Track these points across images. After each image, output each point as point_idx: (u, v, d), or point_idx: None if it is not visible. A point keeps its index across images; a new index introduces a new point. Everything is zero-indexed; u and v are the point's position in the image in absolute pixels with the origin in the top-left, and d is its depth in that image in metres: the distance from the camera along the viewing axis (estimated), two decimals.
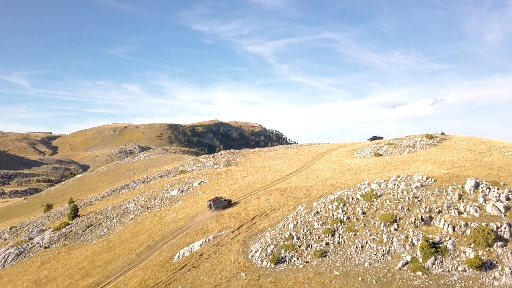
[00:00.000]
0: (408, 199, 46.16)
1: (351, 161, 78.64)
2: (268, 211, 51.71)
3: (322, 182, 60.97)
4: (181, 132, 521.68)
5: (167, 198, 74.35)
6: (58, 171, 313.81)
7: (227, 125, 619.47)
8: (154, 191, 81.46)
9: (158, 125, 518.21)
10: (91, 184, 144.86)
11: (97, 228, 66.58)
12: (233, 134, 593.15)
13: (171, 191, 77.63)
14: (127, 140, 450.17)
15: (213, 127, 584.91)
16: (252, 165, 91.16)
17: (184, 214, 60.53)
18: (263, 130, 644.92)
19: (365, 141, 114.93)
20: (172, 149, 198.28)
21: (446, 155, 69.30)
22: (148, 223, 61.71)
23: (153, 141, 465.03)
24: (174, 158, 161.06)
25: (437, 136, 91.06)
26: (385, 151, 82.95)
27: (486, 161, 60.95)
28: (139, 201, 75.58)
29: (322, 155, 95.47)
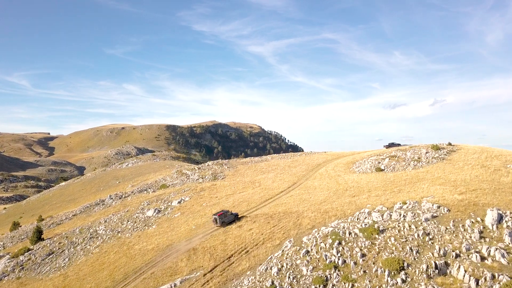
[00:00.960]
0: (418, 237, 37.82)
1: (349, 177, 70.31)
2: (249, 247, 43.35)
3: (315, 207, 52.62)
4: (179, 133, 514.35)
5: (141, 220, 66.00)
6: (53, 172, 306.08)
7: (225, 126, 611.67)
8: (129, 210, 73.12)
9: (155, 126, 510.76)
10: (74, 194, 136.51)
11: (58, 257, 58.21)
12: (232, 135, 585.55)
13: (147, 211, 69.29)
14: (124, 141, 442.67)
15: (212, 128, 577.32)
16: (241, 179, 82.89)
17: (155, 244, 52.14)
18: (262, 131, 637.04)
19: (365, 151, 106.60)
20: (162, 155, 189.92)
21: (456, 172, 60.97)
22: (114, 253, 53.34)
23: (150, 142, 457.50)
24: (163, 166, 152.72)
25: (444, 147, 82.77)
26: (387, 165, 74.60)
27: (504, 183, 52.64)
28: (111, 223, 67.20)
29: (318, 167, 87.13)
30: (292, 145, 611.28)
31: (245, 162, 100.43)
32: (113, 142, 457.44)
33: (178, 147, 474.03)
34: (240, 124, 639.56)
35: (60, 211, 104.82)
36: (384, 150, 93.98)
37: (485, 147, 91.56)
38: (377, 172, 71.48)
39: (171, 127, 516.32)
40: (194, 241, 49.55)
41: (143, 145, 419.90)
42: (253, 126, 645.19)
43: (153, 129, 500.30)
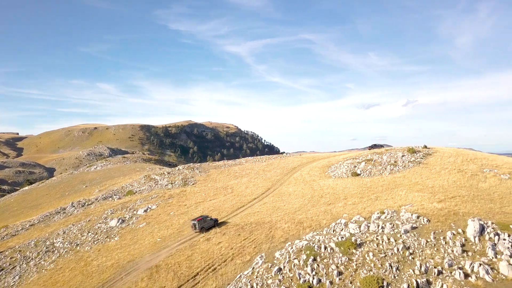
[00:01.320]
0: (397, 251, 35.18)
1: (324, 182, 67.68)
2: (217, 263, 39.66)
3: (289, 217, 49.50)
4: (153, 134, 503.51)
5: (104, 231, 61.10)
6: (21, 174, 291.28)
7: (201, 126, 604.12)
8: (91, 219, 67.88)
9: (129, 126, 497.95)
10: (37, 199, 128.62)
11: (8, 275, 52.63)
12: (208, 135, 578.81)
13: (110, 220, 64.36)
14: (97, 142, 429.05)
15: (187, 128, 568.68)
16: (212, 185, 78.96)
17: (115, 260, 47.65)
18: (239, 131, 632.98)
19: (341, 153, 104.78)
20: (133, 157, 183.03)
21: (434, 178, 59.26)
22: (70, 270, 48.44)
23: (124, 142, 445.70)
24: (134, 169, 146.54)
25: (419, 151, 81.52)
26: (363, 170, 72.46)
27: (482, 188, 51.12)
28: (70, 235, 61.94)
29: (293, 171, 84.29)
30: (268, 145, 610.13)
31: (218, 166, 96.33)
32: (85, 142, 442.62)
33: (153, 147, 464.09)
34: (216, 124, 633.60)
35: (21, 218, 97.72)
36: (360, 153, 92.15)
37: (460, 149, 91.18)
38: (353, 177, 69.17)
39: (145, 127, 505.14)
40: (158, 256, 45.43)
41: (116, 145, 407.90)
42: (230, 126, 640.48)
43: (127, 129, 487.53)
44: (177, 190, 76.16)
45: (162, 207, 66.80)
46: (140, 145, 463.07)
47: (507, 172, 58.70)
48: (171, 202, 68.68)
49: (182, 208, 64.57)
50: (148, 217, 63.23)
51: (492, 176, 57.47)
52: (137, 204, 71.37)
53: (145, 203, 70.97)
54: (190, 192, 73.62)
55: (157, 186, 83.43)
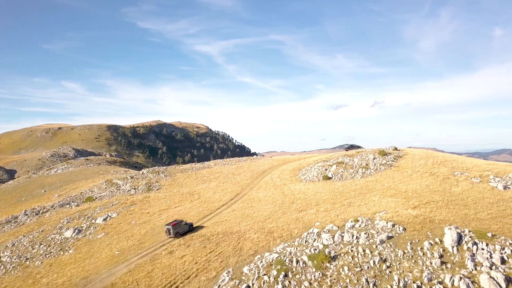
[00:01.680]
0: (374, 265, 32.87)
1: (295, 186, 65.22)
2: (179, 281, 36.03)
3: (258, 225, 46.48)
4: (120, 134, 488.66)
5: (58, 242, 55.89)
6: None
7: (170, 126, 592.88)
8: (45, 229, 62.28)
9: (96, 126, 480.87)
10: None
11: None
12: (177, 136, 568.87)
13: (65, 230, 59.11)
14: (61, 143, 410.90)
15: (156, 128, 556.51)
16: (178, 190, 74.78)
17: (67, 277, 42.99)
18: (209, 131, 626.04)
19: (311, 155, 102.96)
20: (97, 159, 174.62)
21: (406, 181, 57.97)
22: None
23: (90, 143, 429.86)
24: (97, 172, 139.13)
25: (390, 153, 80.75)
26: (335, 173, 70.57)
27: (455, 193, 50.08)
28: (19, 247, 56.27)
29: (263, 174, 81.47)
30: (239, 146, 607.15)
31: (185, 170, 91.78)
32: (49, 143, 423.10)
33: (120, 148, 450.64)
34: (186, 124, 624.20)
35: None
36: (330, 155, 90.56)
37: (429, 151, 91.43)
38: (325, 181, 67.10)
39: (112, 127, 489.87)
40: (115, 273, 41.23)
41: (82, 146, 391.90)
42: (200, 126, 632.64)
43: (93, 129, 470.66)
44: (140, 196, 71.45)
45: (123, 215, 62.14)
46: (107, 146, 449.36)
47: (477, 175, 58.22)
48: (133, 210, 64.10)
49: (144, 216, 60.21)
50: (108, 227, 58.48)
51: (463, 179, 56.79)
52: (96, 212, 66.26)
53: (105, 210, 65.99)
54: (154, 199, 69.20)
55: (119, 192, 78.20)
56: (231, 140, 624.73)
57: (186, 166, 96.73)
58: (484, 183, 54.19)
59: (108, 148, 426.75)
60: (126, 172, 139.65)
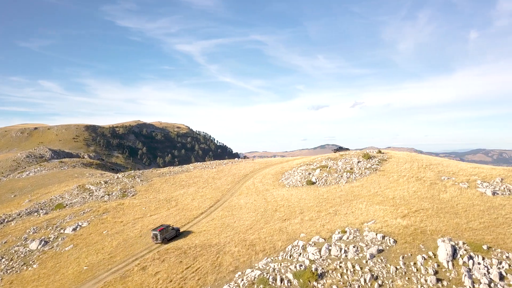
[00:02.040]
0: (365, 283, 30.24)
1: (278, 192, 62.34)
2: None
3: (239, 237, 43.33)
4: (99, 134, 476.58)
5: (21, 255, 51.33)
6: None
7: (151, 126, 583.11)
8: (8, 240, 57.45)
9: (73, 126, 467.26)
10: None
11: None
12: (158, 136, 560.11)
13: (30, 242, 54.49)
14: (37, 143, 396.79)
15: (136, 128, 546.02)
16: (154, 196, 70.80)
17: None
18: (190, 131, 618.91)
19: (294, 158, 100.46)
20: (72, 161, 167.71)
21: (393, 187, 55.87)
22: None
23: (67, 143, 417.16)
24: (72, 175, 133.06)
25: (374, 156, 78.91)
26: (319, 178, 68.04)
27: (445, 200, 48.16)
28: None
29: (245, 179, 78.29)
30: (221, 146, 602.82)
31: (163, 174, 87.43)
32: (24, 143, 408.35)
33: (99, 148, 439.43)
34: (166, 124, 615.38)
35: None
36: (314, 158, 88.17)
37: (413, 154, 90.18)
38: (309, 186, 64.50)
39: (91, 127, 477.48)
40: None
41: (59, 146, 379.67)
42: (181, 126, 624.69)
43: (70, 129, 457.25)
44: (113, 203, 67.12)
45: (95, 225, 57.88)
46: (86, 146, 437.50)
47: (465, 180, 56.68)
48: (105, 218, 59.86)
49: (117, 225, 56.15)
50: (77, 238, 54.19)
51: (451, 185, 55.09)
52: (65, 221, 61.69)
53: (75, 219, 61.53)
54: (128, 206, 65.06)
55: (92, 198, 73.51)
56: (213, 140, 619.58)
57: (164, 170, 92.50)
58: (472, 188, 52.59)
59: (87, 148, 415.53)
60: (102, 175, 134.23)
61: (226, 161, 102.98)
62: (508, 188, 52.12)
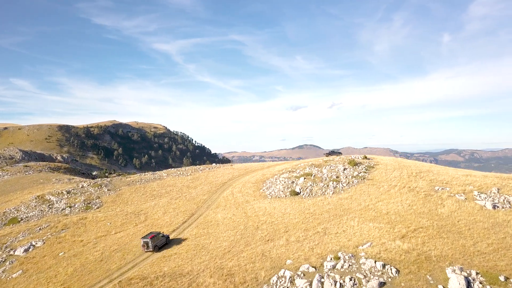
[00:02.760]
0: None
1: (260, 204, 56.61)
2: None
3: (216, 263, 37.30)
4: (73, 134, 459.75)
5: None
6: None
7: (127, 126, 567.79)
8: None
9: (46, 126, 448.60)
10: None
11: None
12: (134, 136, 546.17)
13: None
14: (7, 144, 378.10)
15: (111, 128, 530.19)
16: (122, 208, 63.78)
17: None
18: (168, 131, 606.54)
19: (275, 163, 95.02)
20: (38, 166, 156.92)
21: (385, 200, 51.03)
22: None
23: (39, 144, 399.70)
24: (36, 180, 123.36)
25: (360, 162, 74.33)
26: (303, 187, 62.67)
27: (444, 215, 43.59)
28: None
29: (223, 187, 72.21)
30: (199, 147, 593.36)
31: (133, 182, 79.80)
32: None
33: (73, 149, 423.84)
34: (143, 124, 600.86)
35: None
36: (296, 165, 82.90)
37: (400, 160, 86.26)
38: (293, 197, 59.04)
39: (64, 127, 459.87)
40: None
41: (30, 147, 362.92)
42: (158, 126, 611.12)
43: (43, 129, 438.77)
44: (75, 218, 59.73)
45: (51, 245, 50.60)
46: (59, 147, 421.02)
47: (460, 191, 52.51)
48: (63, 237, 52.60)
49: (76, 246, 49.06)
50: (28, 261, 46.87)
51: (447, 196, 50.70)
52: (17, 240, 54.07)
53: (29, 237, 54.00)
54: (91, 221, 57.88)
55: (51, 211, 65.74)
56: (191, 141, 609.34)
57: (135, 177, 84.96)
58: (471, 201, 48.32)
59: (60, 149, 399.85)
60: (70, 180, 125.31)
61: (202, 167, 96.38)
62: (508, 200, 48.15)
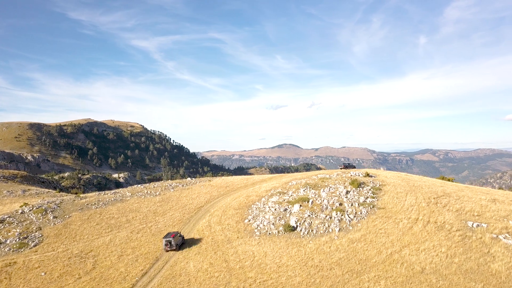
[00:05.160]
0: None
1: (246, 247, 43.34)
2: None
3: None
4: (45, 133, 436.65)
5: None
6: None
7: (102, 124, 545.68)
8: None
9: (15, 125, 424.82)
10: None
11: None
12: (109, 135, 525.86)
13: None
14: None
15: (85, 127, 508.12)
16: (66, 247, 48.68)
17: None
18: (144, 130, 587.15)
19: (262, 178, 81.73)
20: None
21: (412, 244, 38.67)
22: None
23: (9, 143, 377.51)
24: None
25: (364, 182, 62.20)
26: (300, 220, 49.57)
27: (501, 276, 31.53)
28: None
29: (198, 214, 58.54)
30: (177, 146, 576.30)
31: (87, 205, 63.47)
32: None
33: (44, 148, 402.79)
34: (119, 123, 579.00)
35: None
36: (286, 183, 69.82)
37: (404, 176, 74.75)
38: (288, 234, 45.98)
39: (35, 125, 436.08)
40: None
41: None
42: (134, 125, 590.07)
43: (12, 127, 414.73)
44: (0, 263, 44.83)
45: None
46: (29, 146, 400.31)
47: (502, 229, 40.99)
48: None
49: None
50: None
51: (490, 240, 38.84)
52: None
53: None
54: (21, 268, 43.08)
55: None
56: (168, 140, 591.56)
57: (91, 199, 68.85)
58: None
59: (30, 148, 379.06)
60: (24, 192, 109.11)
61: (175, 183, 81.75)
62: None
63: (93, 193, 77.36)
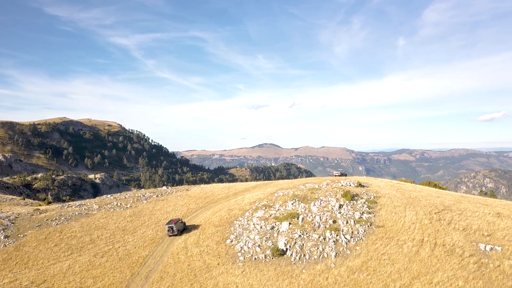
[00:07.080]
0: None
1: (228, 279, 36.86)
2: None
3: None
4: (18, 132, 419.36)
5: None
6: None
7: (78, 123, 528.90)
8: None
9: None
10: None
11: None
12: (86, 135, 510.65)
13: None
14: None
15: (61, 126, 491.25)
16: (15, 276, 39.87)
17: None
18: (122, 130, 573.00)
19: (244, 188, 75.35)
20: None
21: (422, 274, 33.10)
22: None
23: None
24: None
25: (357, 194, 56.80)
26: (289, 241, 43.44)
27: None
28: None
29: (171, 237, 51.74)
30: (156, 146, 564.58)
31: (47, 221, 54.51)
32: None
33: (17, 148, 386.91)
34: (96, 122, 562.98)
35: None
36: (271, 193, 63.74)
37: (397, 185, 69.98)
38: (277, 260, 39.76)
39: (7, 124, 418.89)
40: None
41: None
42: (112, 124, 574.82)
43: None
44: None
45: None
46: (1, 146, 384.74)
47: None
48: None
49: None
50: None
51: (510, 268, 33.61)
52: None
53: None
54: None
55: None
56: (147, 139, 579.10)
57: (53, 212, 60.33)
58: None
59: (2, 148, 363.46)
60: None
61: (149, 192, 74.22)
62: None
63: (55, 205, 69.07)
